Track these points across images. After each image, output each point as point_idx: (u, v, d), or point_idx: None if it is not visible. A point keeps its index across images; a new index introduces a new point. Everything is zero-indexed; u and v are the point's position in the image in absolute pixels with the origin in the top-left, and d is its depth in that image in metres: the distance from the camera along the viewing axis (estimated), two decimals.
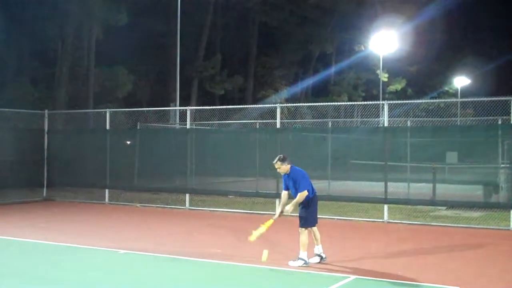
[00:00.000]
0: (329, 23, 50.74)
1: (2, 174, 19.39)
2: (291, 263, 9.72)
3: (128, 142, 21.61)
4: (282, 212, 9.95)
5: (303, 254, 9.71)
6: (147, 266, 10.01)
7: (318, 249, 9.97)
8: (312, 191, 9.89)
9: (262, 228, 9.88)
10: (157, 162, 19.64)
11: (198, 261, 10.23)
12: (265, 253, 9.84)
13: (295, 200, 9.79)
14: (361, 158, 17.88)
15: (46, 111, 21.32)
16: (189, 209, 18.23)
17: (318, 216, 10.09)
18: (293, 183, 9.87)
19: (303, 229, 9.79)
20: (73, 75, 32.28)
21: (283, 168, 9.91)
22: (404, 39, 47.04)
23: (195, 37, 41.78)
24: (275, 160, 9.93)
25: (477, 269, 10.00)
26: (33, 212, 17.57)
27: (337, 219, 15.85)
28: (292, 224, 10.24)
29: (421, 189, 17.75)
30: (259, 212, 17.14)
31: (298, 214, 9.98)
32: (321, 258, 9.94)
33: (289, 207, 9.86)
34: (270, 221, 9.93)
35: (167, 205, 19.00)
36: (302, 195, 9.71)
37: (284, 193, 10.09)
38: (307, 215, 9.84)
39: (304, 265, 9.64)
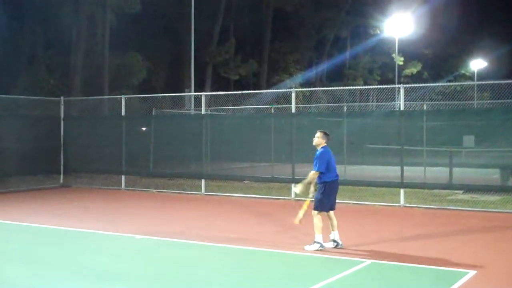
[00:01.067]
0: (344, 7, 50.35)
1: (19, 161, 19.55)
2: (307, 247, 9.71)
3: (144, 128, 21.67)
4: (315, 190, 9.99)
5: (318, 237, 9.68)
6: (164, 251, 10.06)
7: (334, 234, 9.93)
8: (331, 176, 9.82)
9: (302, 210, 9.92)
10: (172, 148, 19.68)
11: (214, 246, 10.25)
12: (301, 213, 9.90)
13: (306, 180, 9.80)
14: (377, 143, 17.78)
15: (61, 98, 21.42)
16: (205, 194, 18.28)
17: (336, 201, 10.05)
18: (314, 159, 9.87)
19: (316, 212, 9.77)
20: (88, 62, 32.35)
21: (319, 140, 9.97)
22: (420, 22, 46.55)
23: (209, 22, 41.65)
24: (321, 130, 10.04)
25: (494, 252, 9.93)
26: (50, 198, 17.72)
27: (353, 203, 15.82)
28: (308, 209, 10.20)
29: (437, 173, 17.64)
30: (274, 197, 17.15)
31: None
32: (337, 244, 9.88)
33: (298, 186, 9.94)
34: (307, 202, 9.96)
35: (183, 190, 19.06)
36: (311, 175, 9.76)
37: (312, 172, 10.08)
38: (322, 199, 9.79)
39: (320, 248, 9.63)
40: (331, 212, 9.94)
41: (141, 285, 7.82)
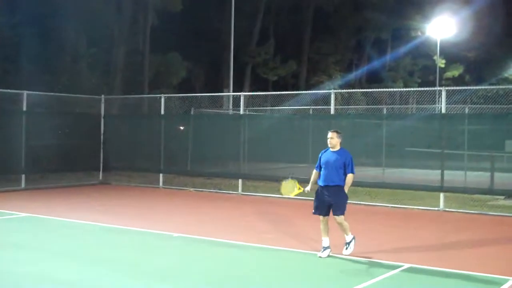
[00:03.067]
0: (385, 8, 49.86)
1: (60, 158, 19.92)
2: (345, 251, 9.54)
3: (182, 128, 21.81)
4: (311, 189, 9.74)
5: (348, 237, 9.54)
6: (200, 249, 10.09)
7: (328, 241, 9.55)
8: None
9: (295, 191, 9.81)
10: (210, 148, 19.76)
11: (251, 246, 10.24)
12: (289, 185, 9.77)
13: (347, 183, 9.40)
14: (417, 146, 17.53)
15: (102, 96, 21.72)
16: (242, 194, 18.30)
17: (372, 204, 9.91)
18: (341, 162, 9.41)
19: (342, 216, 9.45)
20: (128, 61, 32.76)
21: (335, 141, 9.52)
22: (463, 25, 45.82)
23: (249, 22, 41.76)
24: (332, 130, 9.60)
25: None
26: (89, 195, 17.97)
27: (392, 206, 15.62)
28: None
29: (478, 177, 17.30)
30: (311, 198, 17.01)
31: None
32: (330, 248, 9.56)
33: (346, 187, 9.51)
34: (301, 190, 9.77)
35: (220, 190, 19.13)
36: (351, 178, 9.39)
37: (315, 173, 9.80)
38: (346, 202, 9.51)
39: (354, 241, 9.49)
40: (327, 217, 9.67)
41: (175, 283, 7.85)
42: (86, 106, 22.68)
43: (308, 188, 9.77)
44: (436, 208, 15.18)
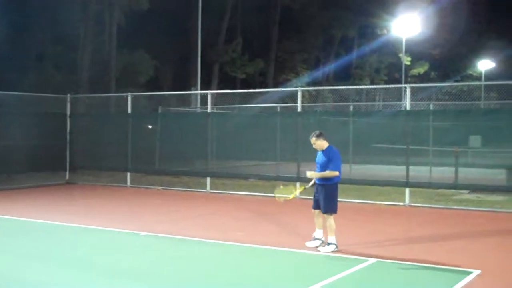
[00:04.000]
0: (351, 6, 50.25)
1: (25, 158, 19.62)
2: (321, 249, 9.60)
3: (150, 126, 21.71)
4: (314, 183, 9.91)
5: (332, 238, 9.61)
6: (168, 248, 10.08)
7: (321, 233, 9.86)
8: (339, 176, 9.78)
9: (293, 193, 10.01)
10: (178, 146, 19.69)
11: (219, 244, 10.26)
12: (285, 194, 9.99)
13: (323, 173, 9.61)
14: (383, 142, 17.74)
15: (68, 95, 21.47)
16: (210, 192, 18.29)
17: (339, 200, 9.99)
18: (326, 160, 9.64)
19: (330, 215, 9.64)
20: (95, 59, 32.44)
21: (318, 143, 9.77)
22: (428, 22, 46.42)
23: (216, 21, 41.69)
24: (311, 136, 9.84)
25: (500, 253, 9.91)
26: (55, 195, 17.77)
27: (358, 202, 15.79)
28: (307, 206, 10.17)
29: (443, 172, 17.59)
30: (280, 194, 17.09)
31: (314, 197, 9.88)
32: (322, 241, 9.81)
33: (311, 172, 9.76)
34: (302, 188, 9.99)
35: (188, 188, 19.08)
36: (331, 173, 9.55)
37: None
38: (335, 200, 9.69)
39: (336, 249, 9.57)
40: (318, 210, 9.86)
41: (145, 282, 7.83)
42: (52, 105, 22.37)
43: (309, 184, 10.09)
44: (402, 203, 15.38)
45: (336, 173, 9.59)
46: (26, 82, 27.50)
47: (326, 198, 9.65)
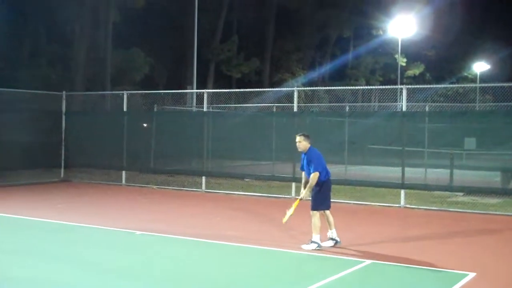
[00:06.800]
0: (347, 6, 50.31)
1: (20, 155, 19.54)
2: (304, 246, 9.71)
3: (145, 125, 21.66)
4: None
5: (315, 237, 9.68)
6: (163, 247, 10.05)
7: (332, 233, 9.96)
8: (325, 174, 9.84)
9: (291, 209, 9.98)
10: (173, 145, 19.67)
11: (213, 243, 10.24)
12: (288, 214, 9.97)
13: (309, 184, 9.80)
14: (379, 143, 17.77)
15: (63, 92, 21.40)
16: (205, 191, 18.27)
17: (335, 201, 10.06)
18: (308, 163, 9.89)
19: (315, 211, 9.78)
20: (90, 57, 32.36)
21: (303, 144, 9.93)
22: (423, 24, 46.54)
23: (212, 19, 41.65)
24: (300, 134, 10.01)
25: (494, 255, 9.92)
26: (50, 192, 17.72)
27: (354, 203, 15.80)
28: (305, 207, 10.18)
29: (438, 174, 17.62)
30: (275, 195, 17.13)
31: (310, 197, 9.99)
32: (336, 242, 9.91)
33: (304, 193, 9.89)
34: (297, 202, 10.01)
35: (183, 187, 19.05)
36: (314, 177, 9.70)
37: (304, 173, 10.14)
38: (320, 198, 9.82)
39: (318, 248, 9.62)
40: (327, 211, 9.95)
41: (138, 280, 7.82)
42: (46, 102, 22.28)
43: (301, 195, 10.04)
44: (397, 205, 15.39)
45: (317, 174, 9.71)
46: (21, 79, 27.38)
47: (312, 196, 9.88)
